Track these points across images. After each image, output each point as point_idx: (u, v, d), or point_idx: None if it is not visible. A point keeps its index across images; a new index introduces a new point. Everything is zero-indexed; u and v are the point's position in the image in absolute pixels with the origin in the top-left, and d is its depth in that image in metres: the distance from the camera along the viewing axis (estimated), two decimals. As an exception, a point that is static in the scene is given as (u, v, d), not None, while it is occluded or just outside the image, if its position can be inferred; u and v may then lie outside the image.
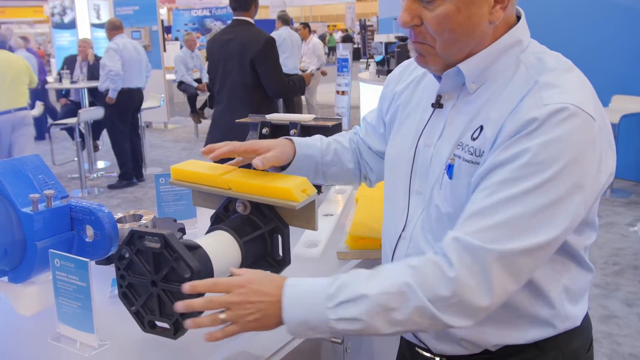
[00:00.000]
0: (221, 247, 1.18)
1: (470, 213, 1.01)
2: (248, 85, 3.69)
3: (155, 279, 1.10)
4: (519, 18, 1.13)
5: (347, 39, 25.08)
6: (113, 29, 6.60)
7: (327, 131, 1.88)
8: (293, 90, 3.91)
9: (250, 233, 1.24)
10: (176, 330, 1.12)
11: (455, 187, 1.09)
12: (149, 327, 1.16)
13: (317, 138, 1.49)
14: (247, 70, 3.66)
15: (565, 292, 1.13)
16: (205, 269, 1.11)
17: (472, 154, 1.08)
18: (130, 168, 6.84)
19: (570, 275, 1.14)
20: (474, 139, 1.08)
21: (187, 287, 1.03)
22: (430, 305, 0.97)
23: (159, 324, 1.16)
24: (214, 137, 3.83)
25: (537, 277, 1.09)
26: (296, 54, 8.55)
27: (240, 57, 3.68)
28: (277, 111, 3.99)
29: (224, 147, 1.28)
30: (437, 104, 1.18)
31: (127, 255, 1.12)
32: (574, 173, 0.97)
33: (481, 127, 1.07)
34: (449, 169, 1.11)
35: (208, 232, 1.26)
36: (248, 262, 1.25)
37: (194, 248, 1.12)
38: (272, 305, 1.02)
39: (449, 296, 0.97)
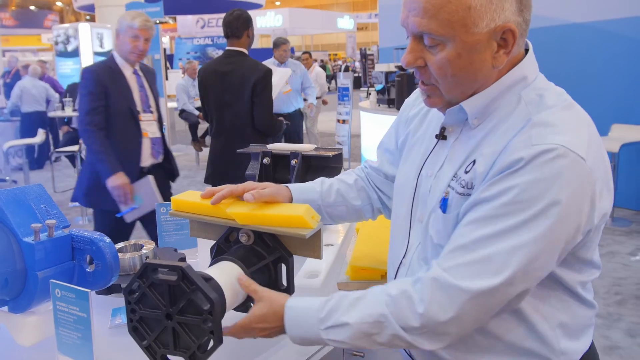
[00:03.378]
0: (230, 278, 1.18)
1: (453, 246, 1.06)
2: (248, 118, 3.68)
3: (170, 312, 1.09)
4: (527, 51, 1.15)
5: (347, 69, 25.28)
6: None
7: (328, 161, 1.89)
8: (277, 128, 3.86)
9: (256, 263, 1.25)
10: None
11: (447, 219, 1.13)
12: None
13: (318, 181, 1.50)
14: (247, 102, 3.64)
15: (562, 328, 1.14)
16: (220, 301, 1.11)
17: (463, 187, 1.11)
18: None
19: (569, 311, 1.15)
20: (466, 172, 1.11)
21: None
22: (404, 333, 1.06)
23: (172, 358, 1.15)
24: (215, 172, 3.81)
25: (532, 313, 1.11)
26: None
27: (240, 90, 3.66)
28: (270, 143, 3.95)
29: (223, 190, 1.31)
30: (441, 136, 1.21)
31: (137, 288, 1.12)
32: (556, 213, 0.98)
33: (474, 161, 1.10)
34: (444, 201, 1.15)
35: (212, 263, 1.26)
36: None
37: (207, 280, 1.12)
38: (277, 331, 1.18)
39: (419, 327, 1.05)
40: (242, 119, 3.68)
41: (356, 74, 22.42)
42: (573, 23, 6.45)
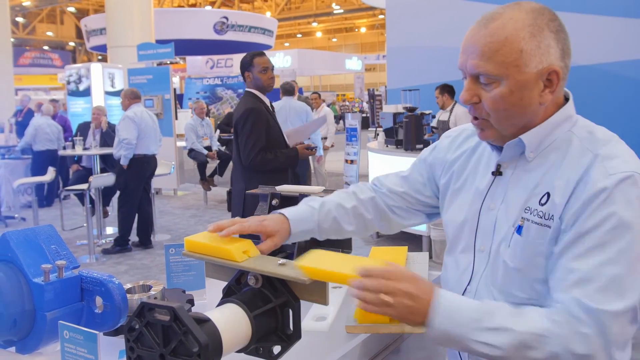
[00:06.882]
0: (231, 320, 1.18)
1: (576, 280, 1.13)
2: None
3: (163, 352, 1.09)
4: (567, 99, 1.32)
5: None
6: (134, 97, 6.69)
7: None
8: (271, 164, 3.78)
9: (261, 306, 1.24)
10: None
11: (526, 245, 1.23)
12: None
13: (316, 206, 1.54)
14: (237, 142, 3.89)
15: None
16: (214, 343, 1.10)
17: (541, 217, 1.23)
18: (128, 235, 6.81)
19: None
20: (542, 204, 1.23)
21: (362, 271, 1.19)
22: (562, 354, 1.09)
23: None
24: (236, 211, 3.89)
25: None
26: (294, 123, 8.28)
27: (234, 130, 3.91)
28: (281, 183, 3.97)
29: (233, 226, 1.38)
30: (497, 172, 1.34)
31: (137, 327, 1.12)
32: None
33: (548, 194, 1.23)
34: (519, 229, 1.26)
35: (219, 304, 1.26)
36: (259, 335, 1.25)
37: (203, 321, 1.12)
38: (424, 304, 1.15)
39: (582, 354, 1.09)
40: (239, 159, 3.90)
41: (364, 115, 22.61)
42: (580, 65, 6.50)
